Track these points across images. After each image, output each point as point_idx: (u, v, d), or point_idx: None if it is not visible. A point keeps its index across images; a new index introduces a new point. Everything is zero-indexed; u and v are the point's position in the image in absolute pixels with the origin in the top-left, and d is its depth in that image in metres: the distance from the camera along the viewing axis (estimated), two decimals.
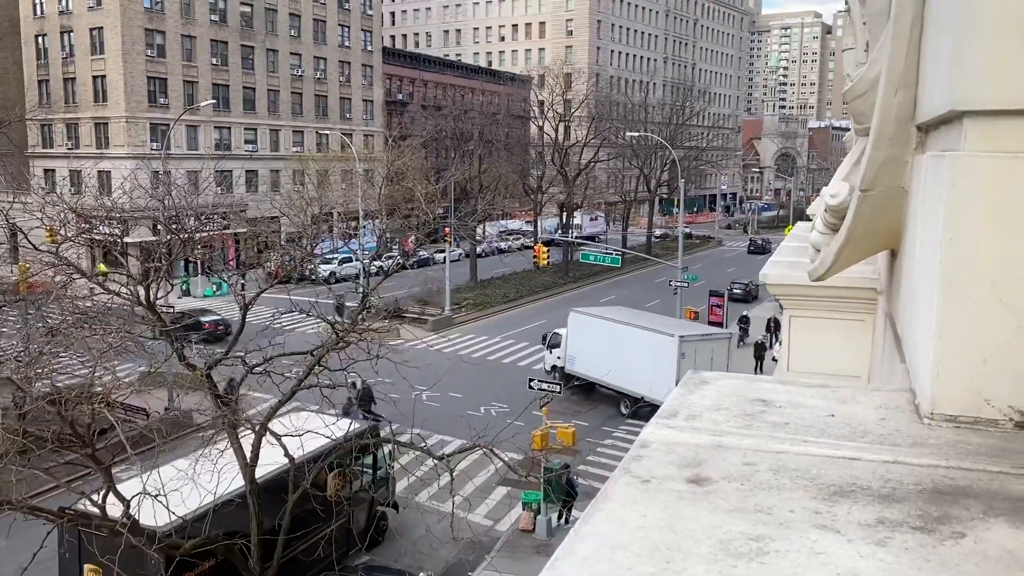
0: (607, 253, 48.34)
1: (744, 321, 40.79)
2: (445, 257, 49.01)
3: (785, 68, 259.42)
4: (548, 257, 52.50)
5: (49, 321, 15.43)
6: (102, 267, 16.20)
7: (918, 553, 1.44)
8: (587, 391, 32.41)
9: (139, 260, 25.08)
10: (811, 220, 4.39)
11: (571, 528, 1.59)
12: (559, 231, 73.44)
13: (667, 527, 1.52)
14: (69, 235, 16.69)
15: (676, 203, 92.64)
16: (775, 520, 1.55)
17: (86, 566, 14.71)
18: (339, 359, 14.86)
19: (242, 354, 15.02)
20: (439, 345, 39.07)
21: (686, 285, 39.35)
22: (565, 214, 68.63)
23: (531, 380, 26.17)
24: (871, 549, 1.45)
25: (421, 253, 67.45)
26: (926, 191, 2.24)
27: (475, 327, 46.30)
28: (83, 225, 20.34)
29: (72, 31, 59.64)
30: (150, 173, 28.60)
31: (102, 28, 58.03)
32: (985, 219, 1.94)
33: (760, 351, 35.57)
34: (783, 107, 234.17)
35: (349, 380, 15.38)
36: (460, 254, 70.56)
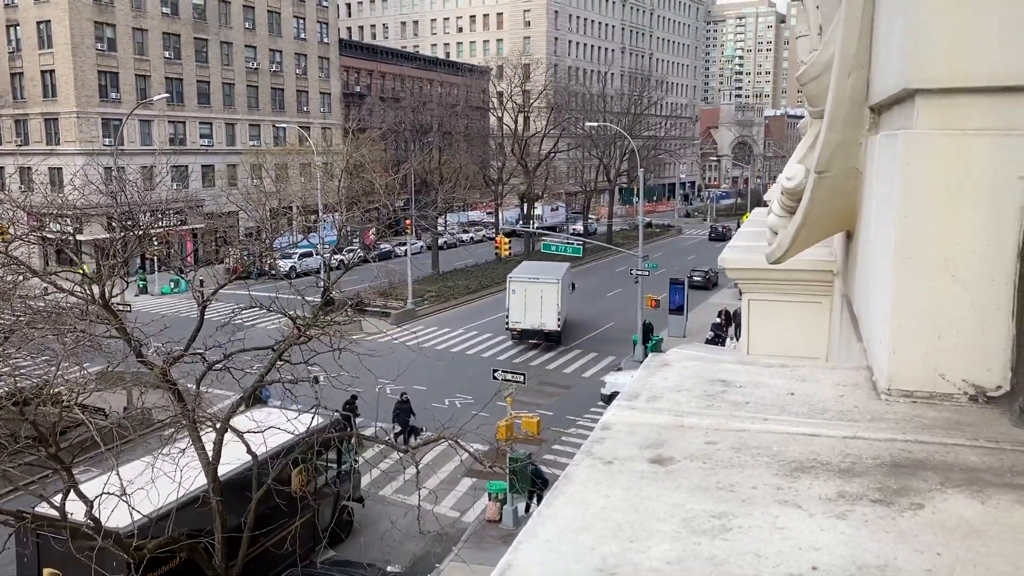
0: (568, 243, 48.47)
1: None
2: (407, 250, 48.77)
3: (740, 58, 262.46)
4: (510, 248, 52.56)
5: (2, 321, 15.04)
6: (85, 268, 15.83)
7: (877, 525, 1.45)
8: (547, 384, 32.72)
9: (93, 258, 24.52)
10: (768, 206, 4.43)
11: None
12: (520, 222, 73.53)
13: (630, 507, 1.51)
14: (19, 233, 16.25)
15: (636, 192, 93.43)
16: (737, 497, 1.56)
17: (45, 570, 14.40)
18: (301, 353, 14.72)
19: (202, 351, 14.80)
20: (402, 338, 38.88)
21: (647, 273, 39.63)
22: (526, 205, 68.78)
23: (495, 371, 26.19)
24: (832, 523, 1.46)
25: (383, 246, 66.98)
26: (880, 171, 2.27)
27: (438, 319, 46.18)
28: (33, 223, 19.82)
29: (18, 24, 57.98)
30: (102, 169, 27.98)
31: (50, 21, 56.50)
32: (938, 196, 1.97)
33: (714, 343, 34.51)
34: (739, 96, 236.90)
35: (312, 376, 15.24)
36: (422, 246, 70.25)
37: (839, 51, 2.43)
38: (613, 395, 33.00)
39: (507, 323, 39.92)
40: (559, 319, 39.29)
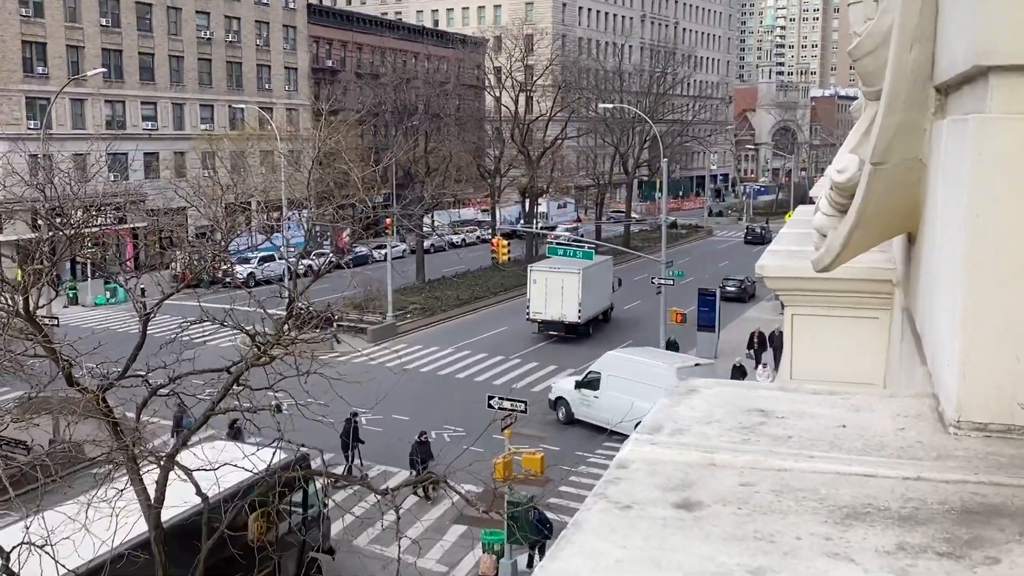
0: (578, 246, 48.55)
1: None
2: (386, 254, 48.80)
3: (782, 28, 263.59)
4: (509, 252, 52.63)
5: None
6: (18, 274, 15.95)
7: None
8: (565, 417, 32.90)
9: (15, 262, 24.52)
10: (815, 204, 4.45)
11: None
12: (521, 221, 73.67)
13: (651, 560, 1.51)
14: None
15: (658, 186, 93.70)
16: (778, 549, 1.55)
17: None
18: (266, 375, 14.73)
19: (144, 373, 14.80)
20: (381, 358, 38.94)
21: (671, 283, 39.70)
22: (528, 201, 68.92)
23: (491, 398, 26.19)
24: None
25: (358, 249, 67.13)
26: (947, 162, 2.27)
27: (423, 336, 46.21)
28: None
29: None
30: (26, 157, 28.02)
31: None
32: (1016, 191, 1.97)
33: (740, 377, 33.29)
34: (781, 73, 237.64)
35: (273, 404, 15.23)
36: (405, 250, 70.33)
37: (899, 20, 2.45)
38: (559, 400, 33.65)
39: (528, 313, 45.07)
40: (580, 311, 43.66)
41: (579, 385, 32.93)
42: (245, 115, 69.03)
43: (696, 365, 32.03)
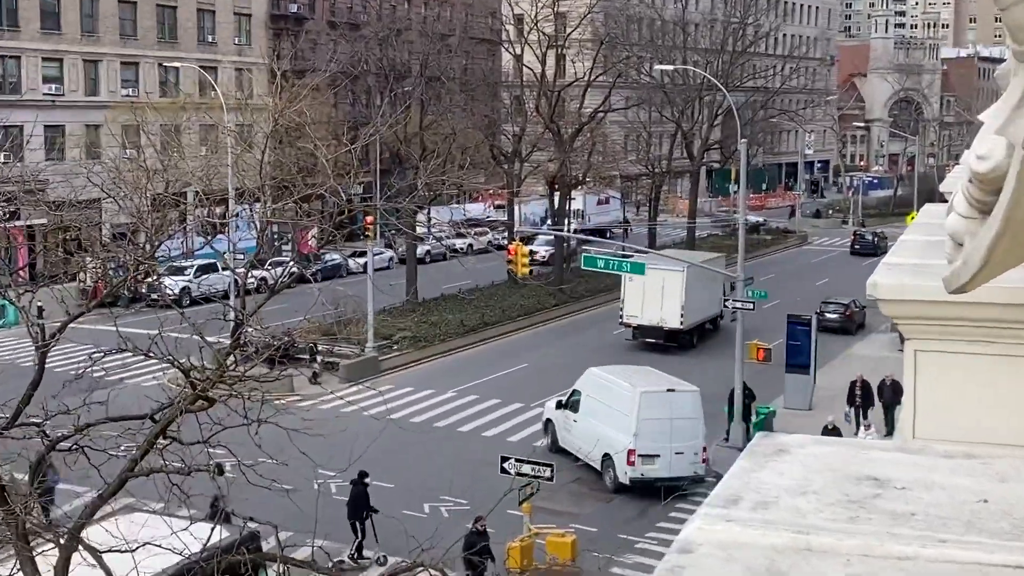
0: (625, 256, 48.52)
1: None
2: (367, 263, 49.03)
3: None
4: (531, 263, 52.82)
5: None
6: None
7: None
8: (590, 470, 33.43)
9: None
10: (948, 201, 4.44)
11: None
12: (549, 221, 73.79)
13: None
14: None
15: (733, 177, 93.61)
16: None
17: None
18: (198, 425, 14.78)
19: (40, 420, 14.91)
20: (358, 402, 38.94)
21: (751, 306, 39.59)
22: (559, 194, 69.10)
23: (505, 460, 26.16)
24: None
25: (329, 257, 67.41)
26: None
27: (415, 374, 46.24)
28: None
29: None
30: None
31: None
32: None
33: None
34: (901, 27, 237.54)
35: (213, 464, 15.31)
36: (391, 258, 70.56)
37: None
38: (547, 422, 36.08)
39: (621, 317, 50.81)
40: (683, 316, 47.96)
41: (560, 405, 35.89)
42: (180, 77, 69.64)
43: (669, 391, 34.18)
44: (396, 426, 31.48)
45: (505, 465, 25.81)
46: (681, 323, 48.25)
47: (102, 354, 15.85)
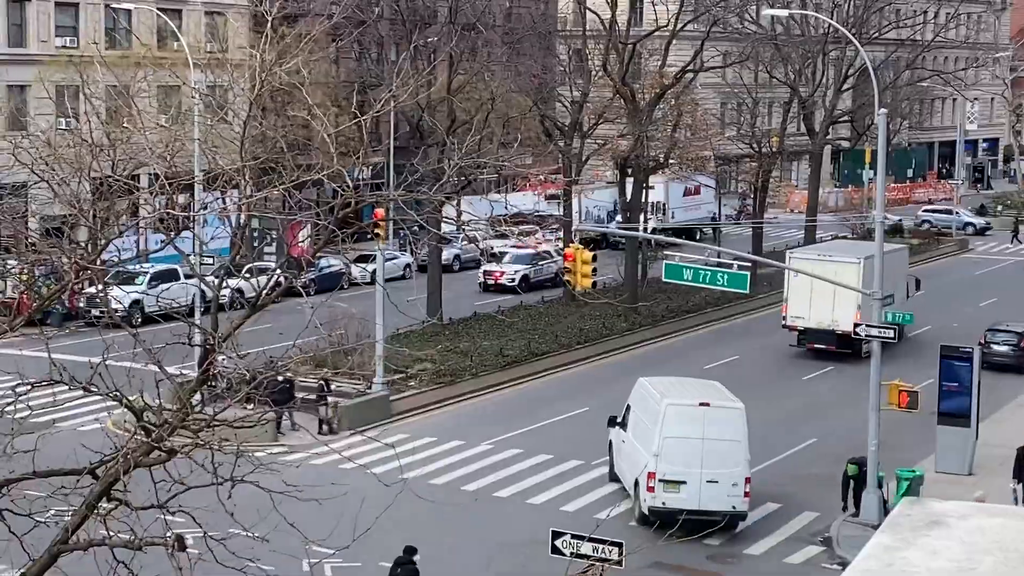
0: (721, 266, 48.35)
1: None
2: (376, 271, 49.15)
3: None
4: (594, 272, 52.54)
5: None
6: None
7: None
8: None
9: None
10: None
11: None
12: (619, 217, 73.60)
13: None
14: None
15: (868, 160, 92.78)
16: None
17: None
18: (153, 485, 14.85)
19: None
20: (363, 457, 38.89)
21: (891, 335, 39.23)
22: (632, 182, 68.95)
23: (558, 536, 26.10)
24: None
25: (328, 263, 67.40)
26: None
27: (437, 420, 46.41)
28: None
29: None
30: None
31: None
32: None
33: None
34: None
35: (171, 536, 15.37)
36: (408, 265, 70.52)
37: None
38: (610, 445, 38.72)
39: (784, 319, 55.64)
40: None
41: (613, 423, 39.12)
42: (134, 23, 70.01)
43: (702, 405, 36.28)
44: (416, 488, 31.54)
45: (558, 543, 25.71)
46: None
47: (28, 387, 15.88)
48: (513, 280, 69.60)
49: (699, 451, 35.15)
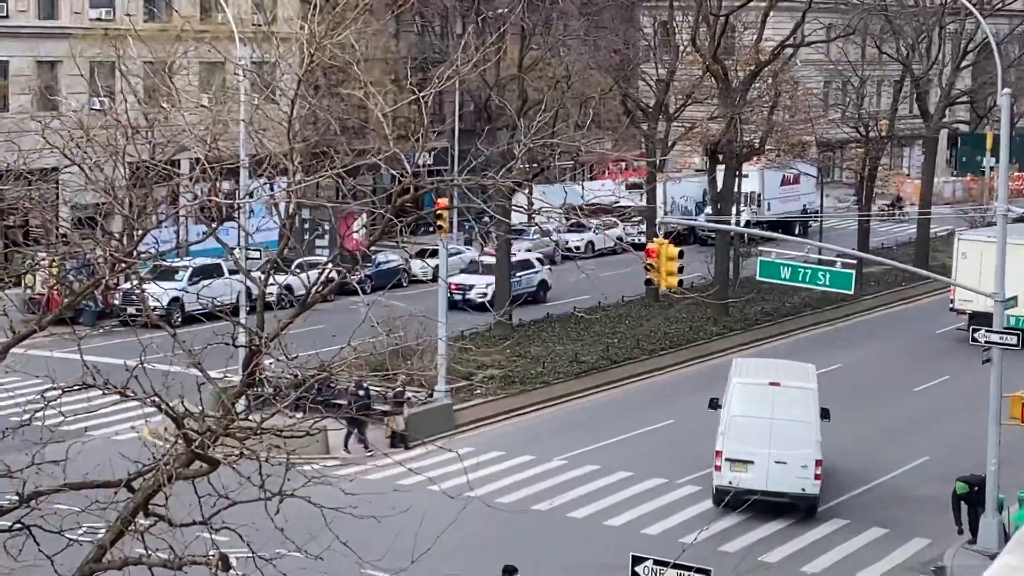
0: (823, 263, 47.98)
1: None
2: (438, 267, 49.17)
3: None
4: (681, 270, 52.29)
5: None
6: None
7: None
8: None
9: None
10: None
11: None
12: (708, 208, 73.22)
13: None
14: None
15: (989, 146, 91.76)
16: None
17: None
18: (196, 498, 14.90)
19: None
20: (424, 471, 38.96)
21: (1015, 341, 38.76)
22: (724, 169, 68.62)
23: (638, 562, 26.11)
24: None
25: (385, 257, 67.49)
26: None
27: (505, 432, 46.56)
28: None
29: None
30: None
31: None
32: None
33: None
34: None
35: (215, 555, 15.45)
36: (474, 260, 70.34)
37: None
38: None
39: (952, 303, 58.89)
40: None
41: (712, 405, 40.69)
42: None
43: (772, 384, 38.98)
44: (480, 506, 31.51)
45: (639, 570, 25.70)
46: None
47: (58, 392, 15.97)
48: (484, 295, 65.11)
49: (767, 431, 37.44)
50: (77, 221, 31.24)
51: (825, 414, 41.08)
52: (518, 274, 65.71)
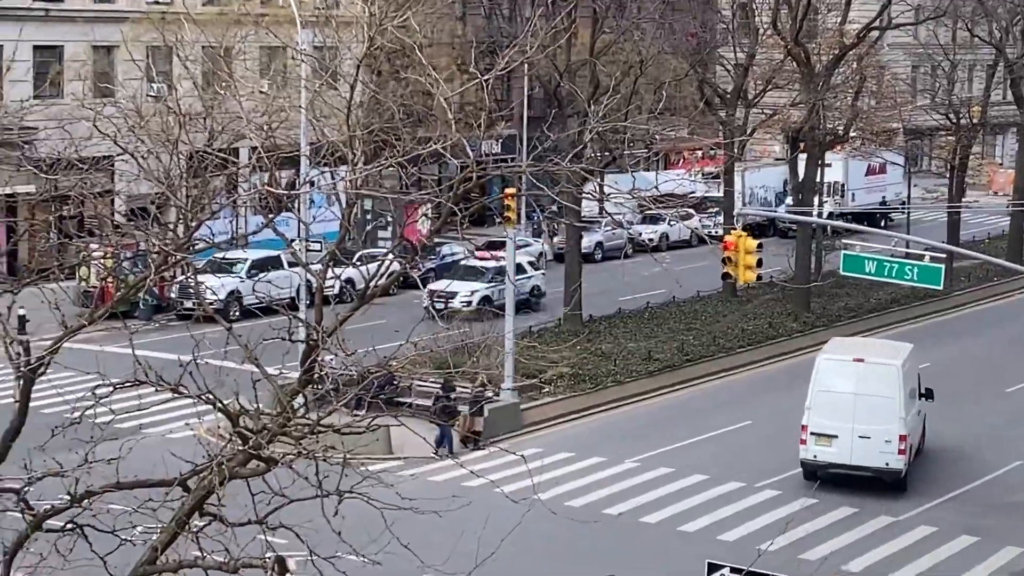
0: (910, 257, 47.77)
1: None
2: (505, 259, 49.17)
3: None
4: (759, 263, 52.12)
5: None
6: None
7: None
8: None
9: None
10: None
11: None
12: (788, 199, 72.91)
13: None
14: None
15: None
16: None
17: None
18: (251, 498, 15.00)
19: (21, 484, 15.29)
20: (489, 473, 38.93)
21: None
22: (806, 158, 68.31)
23: (714, 570, 26.15)
24: None
25: (449, 250, 67.56)
26: None
27: (575, 433, 46.59)
28: None
29: None
30: None
31: None
32: None
33: None
34: None
35: (272, 558, 15.56)
36: (543, 253, 70.48)
37: None
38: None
39: None
40: None
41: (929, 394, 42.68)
42: None
43: (857, 360, 41.19)
44: (547, 511, 31.53)
45: None
46: None
47: (111, 388, 16.08)
48: (469, 303, 61.67)
49: (851, 406, 39.66)
50: (131, 212, 31.48)
51: (929, 394, 43.71)
52: (501, 281, 61.09)
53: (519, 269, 62.73)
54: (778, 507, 39.31)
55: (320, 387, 17.03)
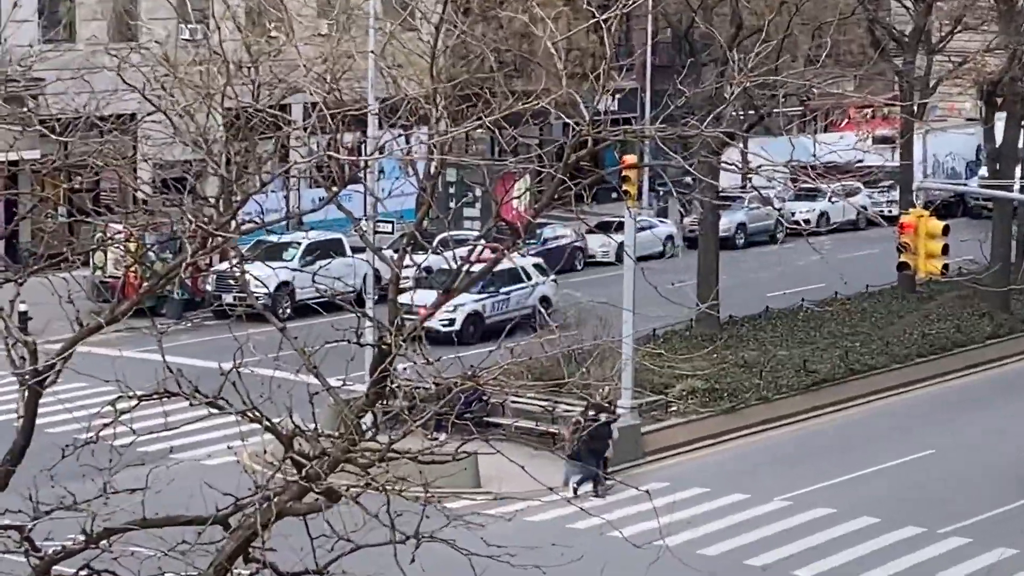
0: None
1: None
2: (622, 244, 49.27)
3: None
4: (946, 250, 51.84)
5: None
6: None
7: None
8: None
9: None
10: None
11: None
12: (983, 169, 72.41)
13: None
14: None
15: None
16: None
17: None
18: (309, 541, 15.12)
19: (23, 521, 15.48)
20: (608, 513, 39.12)
21: None
22: (1005, 119, 67.75)
23: None
24: None
25: (553, 232, 67.66)
26: None
27: (709, 463, 47.01)
28: None
29: None
30: None
31: None
32: None
33: None
34: None
35: None
36: (671, 236, 70.60)
37: None
38: None
39: None
40: None
41: None
42: None
43: None
44: (677, 561, 31.55)
45: None
46: None
47: (135, 401, 16.20)
48: (450, 323, 57.96)
49: None
50: (161, 183, 31.64)
51: None
52: (503, 290, 61.96)
53: (516, 277, 61.60)
54: (967, 559, 39.11)
55: (393, 403, 17.07)
